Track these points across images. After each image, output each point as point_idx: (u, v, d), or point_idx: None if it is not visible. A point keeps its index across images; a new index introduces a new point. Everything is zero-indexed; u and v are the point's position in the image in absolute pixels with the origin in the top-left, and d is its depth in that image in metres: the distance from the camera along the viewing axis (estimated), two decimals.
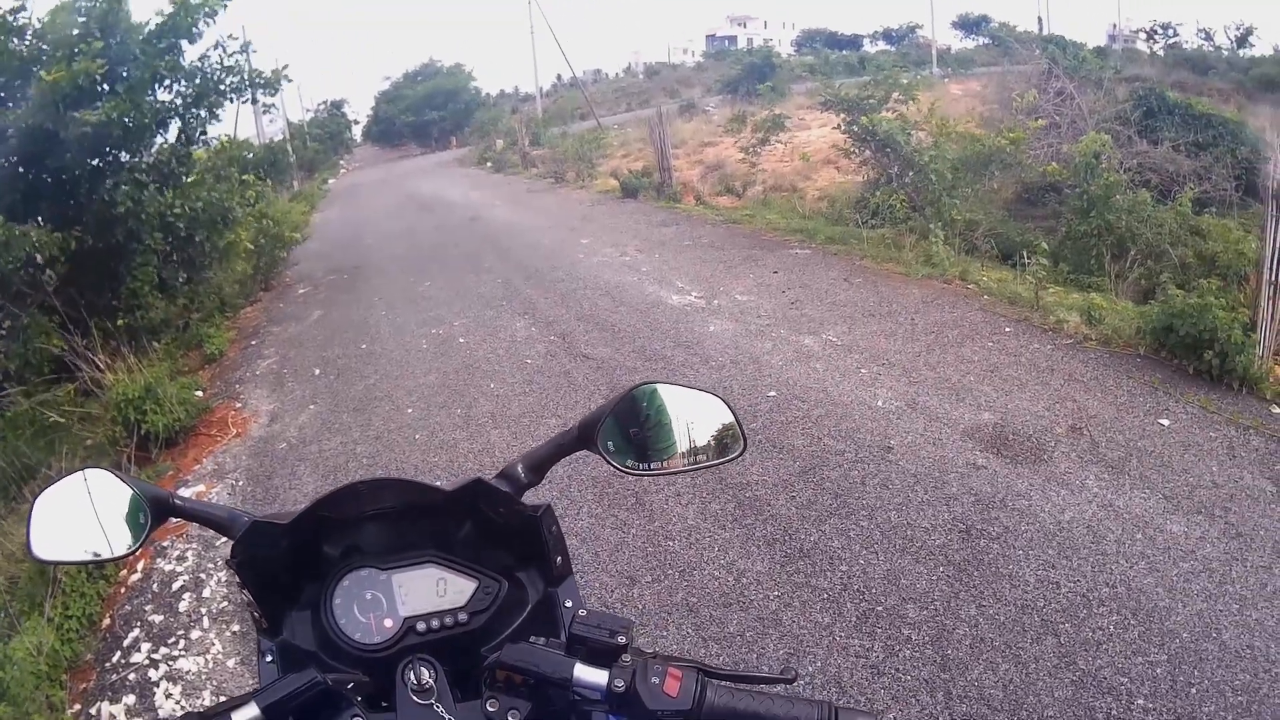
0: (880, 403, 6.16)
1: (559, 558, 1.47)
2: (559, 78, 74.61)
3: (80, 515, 1.44)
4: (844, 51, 65.17)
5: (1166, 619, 3.81)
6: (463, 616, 1.39)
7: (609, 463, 1.42)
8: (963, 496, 4.88)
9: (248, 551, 1.41)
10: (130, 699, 4.40)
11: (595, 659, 1.19)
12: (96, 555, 1.45)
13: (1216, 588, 4.02)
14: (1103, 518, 4.58)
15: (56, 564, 1.87)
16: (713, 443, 1.46)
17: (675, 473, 1.47)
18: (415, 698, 1.25)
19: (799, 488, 5.16)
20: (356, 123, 62.28)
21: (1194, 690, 3.44)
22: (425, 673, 1.26)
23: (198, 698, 4.33)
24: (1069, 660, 3.59)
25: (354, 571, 1.42)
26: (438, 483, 1.45)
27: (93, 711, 4.36)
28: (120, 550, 1.45)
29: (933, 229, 10.03)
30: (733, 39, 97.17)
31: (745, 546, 4.67)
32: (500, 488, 1.44)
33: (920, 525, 4.65)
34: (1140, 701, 3.39)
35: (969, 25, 62.01)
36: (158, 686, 4.45)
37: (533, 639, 1.26)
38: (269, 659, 1.41)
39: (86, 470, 1.49)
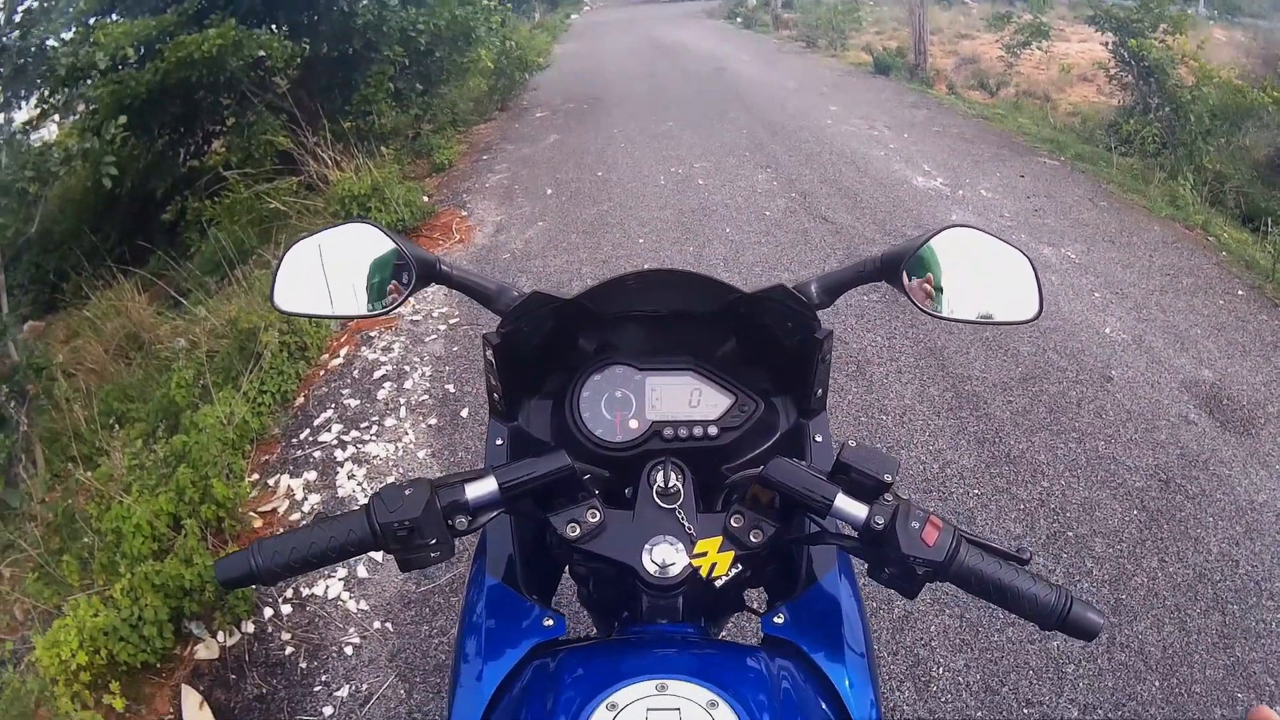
0: (1108, 330, 5.77)
1: (820, 390, 1.40)
2: None
3: (335, 269, 1.36)
4: None
5: None
6: (713, 430, 1.34)
7: (909, 298, 1.33)
8: (1169, 446, 4.55)
9: (515, 325, 1.36)
10: (311, 475, 4.48)
11: (856, 492, 1.11)
12: (345, 310, 1.38)
13: None
14: None
15: (298, 315, 1.88)
16: (1009, 301, 1.37)
17: (968, 321, 1.39)
18: (658, 500, 1.20)
19: (1017, 393, 4.92)
20: None
21: None
22: (674, 476, 1.22)
23: (382, 482, 4.32)
24: (1228, 643, 3.35)
25: (609, 367, 1.39)
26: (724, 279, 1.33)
27: (270, 483, 4.45)
28: (371, 309, 1.37)
29: (1183, 170, 9.32)
30: None
31: (955, 439, 4.49)
32: (800, 298, 1.34)
33: (1124, 463, 4.38)
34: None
35: None
36: (341, 467, 4.51)
37: (793, 460, 1.15)
38: (499, 442, 1.40)
39: (351, 223, 1.39)
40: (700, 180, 9.00)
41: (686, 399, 1.36)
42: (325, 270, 1.36)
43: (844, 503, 1.10)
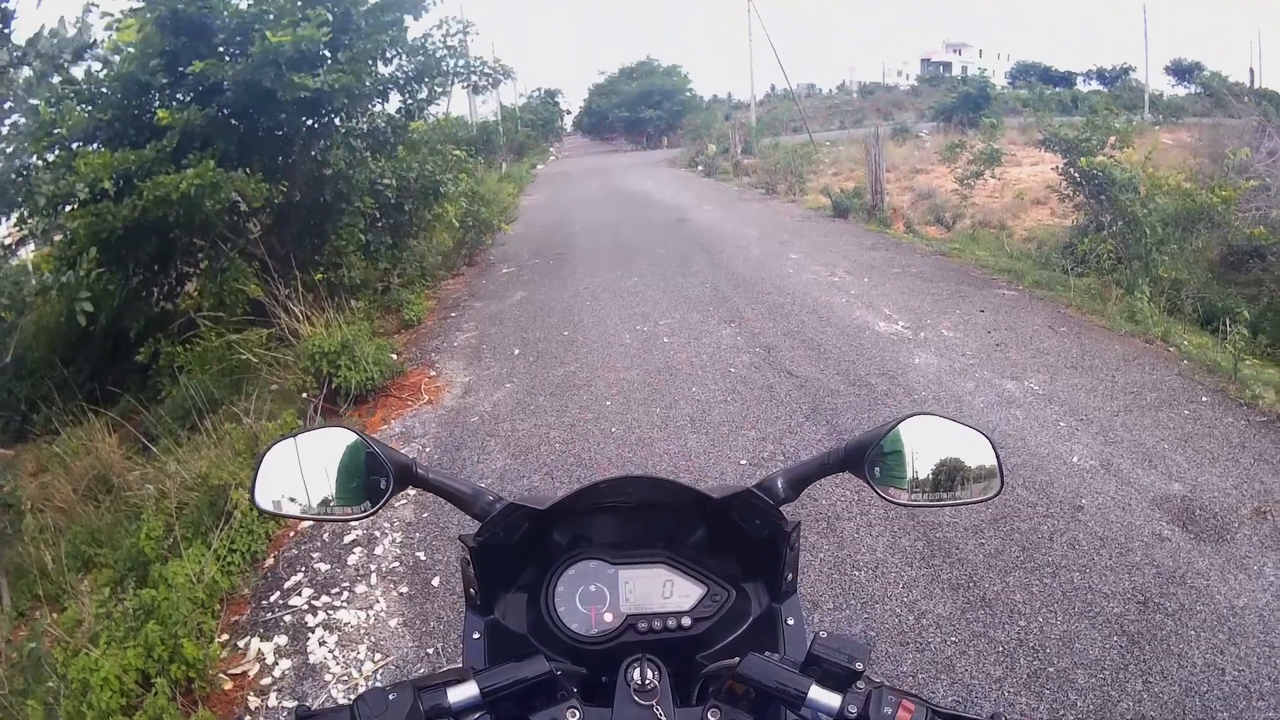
0: (1075, 459, 6.00)
1: (790, 575, 1.45)
2: (773, 88, 74.50)
3: (313, 470, 1.42)
4: (1057, 88, 62.95)
5: None
6: (686, 621, 1.37)
7: (873, 489, 1.42)
8: (1145, 567, 4.73)
9: (492, 530, 1.42)
10: (282, 639, 4.57)
11: (828, 681, 1.16)
12: (325, 512, 1.44)
13: None
14: (1276, 607, 4.37)
15: (279, 516, 1.93)
16: (971, 480, 1.44)
17: (931, 505, 1.45)
18: (636, 697, 1.22)
19: (989, 535, 5.10)
20: (569, 112, 63.34)
21: None
22: (650, 673, 1.24)
23: (353, 650, 4.45)
24: None
25: (582, 561, 1.42)
26: (689, 483, 1.45)
27: (240, 644, 4.55)
28: (350, 513, 1.44)
29: (1139, 284, 9.68)
30: (947, 65, 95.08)
31: (929, 587, 4.65)
32: (767, 500, 1.42)
33: (1101, 590, 4.54)
34: None
35: (1181, 72, 59.23)
36: (312, 633, 4.61)
37: (766, 654, 1.23)
38: (476, 636, 1.43)
39: (329, 427, 1.46)
40: (665, 338, 9.31)
41: (659, 590, 1.40)
42: (304, 471, 1.41)
43: (817, 694, 1.15)
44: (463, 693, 1.18)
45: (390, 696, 1.12)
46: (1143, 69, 61.72)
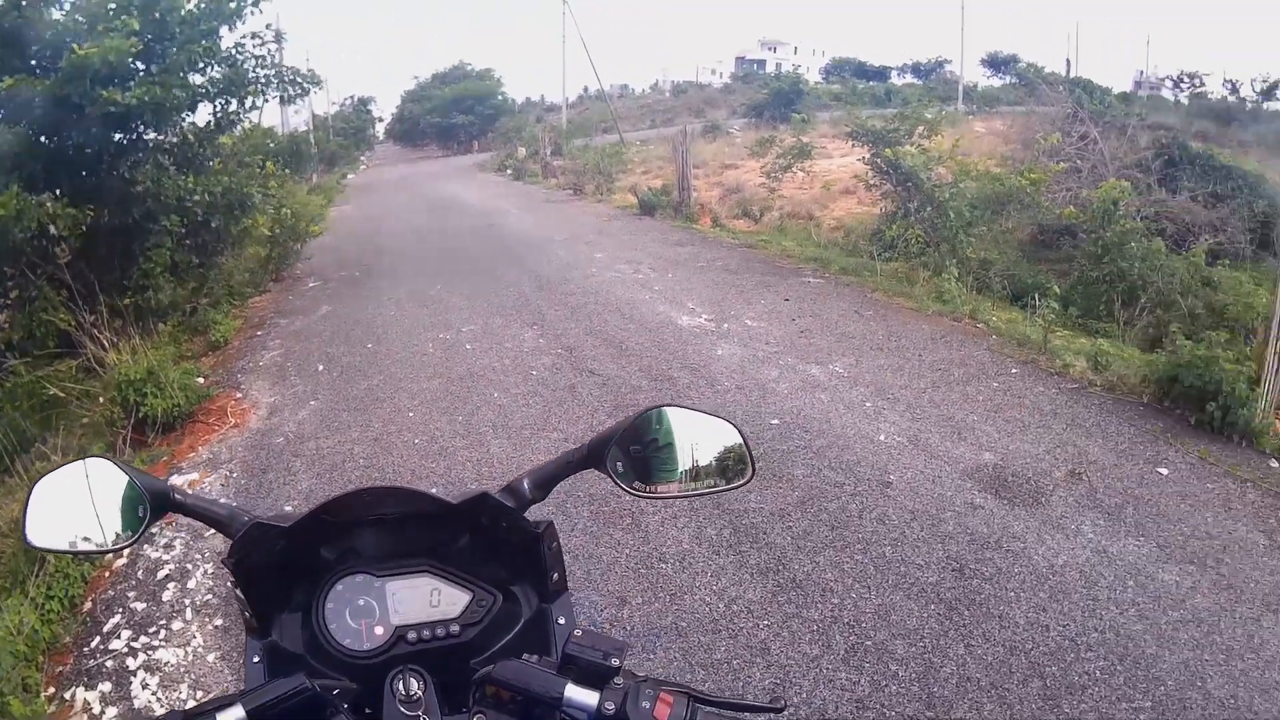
0: (882, 437, 6.17)
1: (555, 575, 1.47)
2: (586, 89, 74.63)
3: (78, 504, 1.43)
4: (871, 82, 64.95)
5: (1153, 666, 3.83)
6: (455, 628, 1.40)
7: (616, 484, 1.42)
8: (958, 535, 4.89)
9: (245, 551, 1.41)
10: (106, 686, 4.37)
11: (587, 679, 1.19)
12: (91, 546, 1.44)
13: (1205, 638, 4.03)
14: (1096, 563, 4.59)
15: (50, 552, 1.88)
16: (721, 468, 1.46)
17: (681, 496, 1.49)
18: (402, 708, 1.25)
19: (796, 518, 5.17)
20: (381, 120, 62.66)
21: None
22: (414, 683, 1.27)
23: (175, 690, 4.31)
24: (1054, 703, 3.60)
25: (348, 576, 1.42)
26: (434, 490, 1.46)
27: (67, 696, 4.33)
28: (115, 543, 1.44)
29: (947, 265, 10.05)
30: (762, 63, 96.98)
31: (738, 574, 4.68)
32: (505, 503, 1.44)
33: (914, 561, 4.66)
34: None
35: (997, 64, 61.74)
36: (135, 676, 4.42)
37: (525, 656, 1.26)
38: (256, 660, 1.42)
39: (87, 460, 1.47)
40: (468, 345, 9.27)
41: (427, 599, 1.42)
42: (71, 506, 1.42)
43: (574, 693, 1.18)
44: (230, 716, 1.17)
45: None
46: (959, 62, 64.09)
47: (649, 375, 7.75)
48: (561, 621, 1.47)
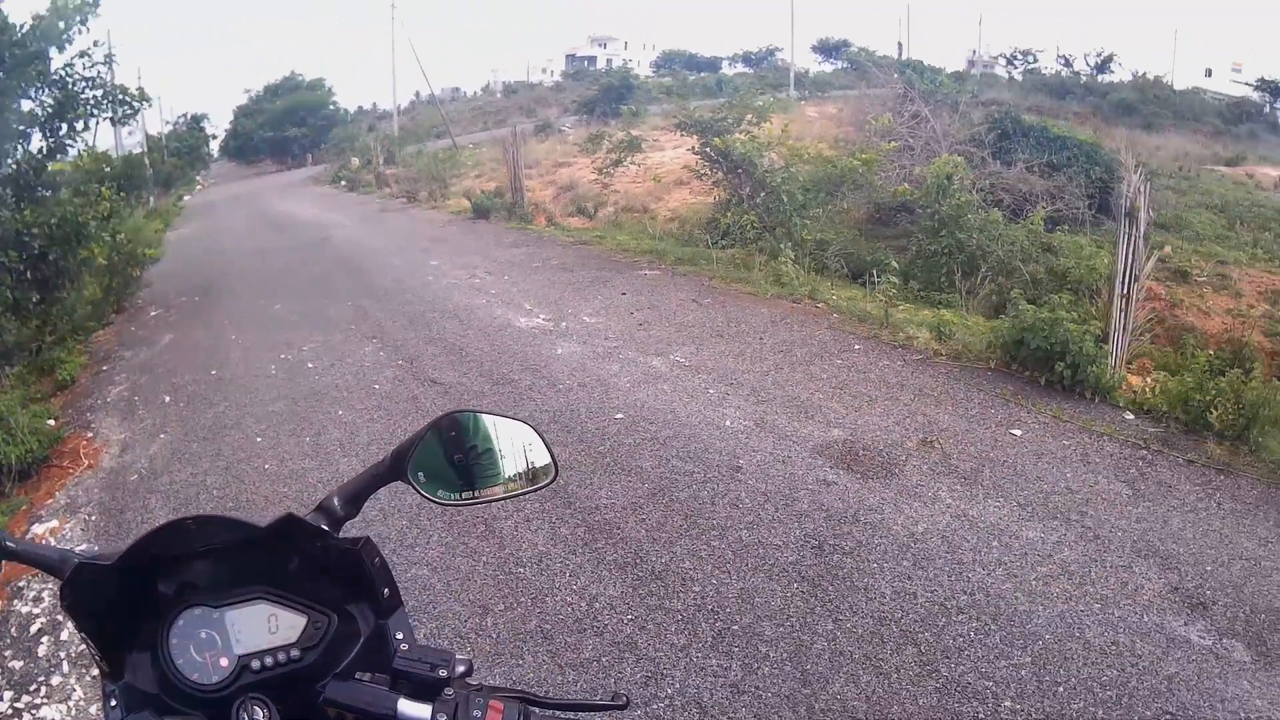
0: (729, 423, 6.20)
1: (386, 589, 1.45)
2: (418, 95, 74.18)
3: None
4: (703, 74, 65.95)
5: (1028, 622, 3.90)
6: (295, 653, 1.38)
7: (420, 493, 1.44)
8: (814, 513, 4.92)
9: (78, 594, 1.37)
10: None
11: (419, 693, 1.20)
12: None
13: (1077, 589, 4.14)
14: (957, 527, 4.67)
15: None
16: (525, 470, 1.49)
17: (486, 502, 1.50)
18: None
19: (649, 510, 5.15)
20: (215, 137, 61.28)
21: (1061, 689, 3.54)
22: (260, 712, 1.27)
23: None
24: (931, 668, 3.64)
25: (188, 610, 1.40)
26: (243, 516, 1.41)
27: None
28: None
29: (783, 249, 10.18)
30: (592, 59, 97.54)
31: (597, 571, 4.64)
32: (313, 523, 1.42)
33: (772, 543, 4.67)
34: (1007, 704, 3.47)
35: (829, 49, 63.26)
36: None
37: (359, 675, 1.26)
38: (113, 704, 1.38)
39: None
40: (310, 363, 9.14)
41: (265, 626, 1.40)
42: None
43: (407, 707, 1.19)
44: None
45: None
46: (789, 49, 65.23)
47: (490, 379, 7.69)
48: (400, 636, 1.44)
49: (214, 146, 61.25)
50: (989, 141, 17.31)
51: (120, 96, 11.51)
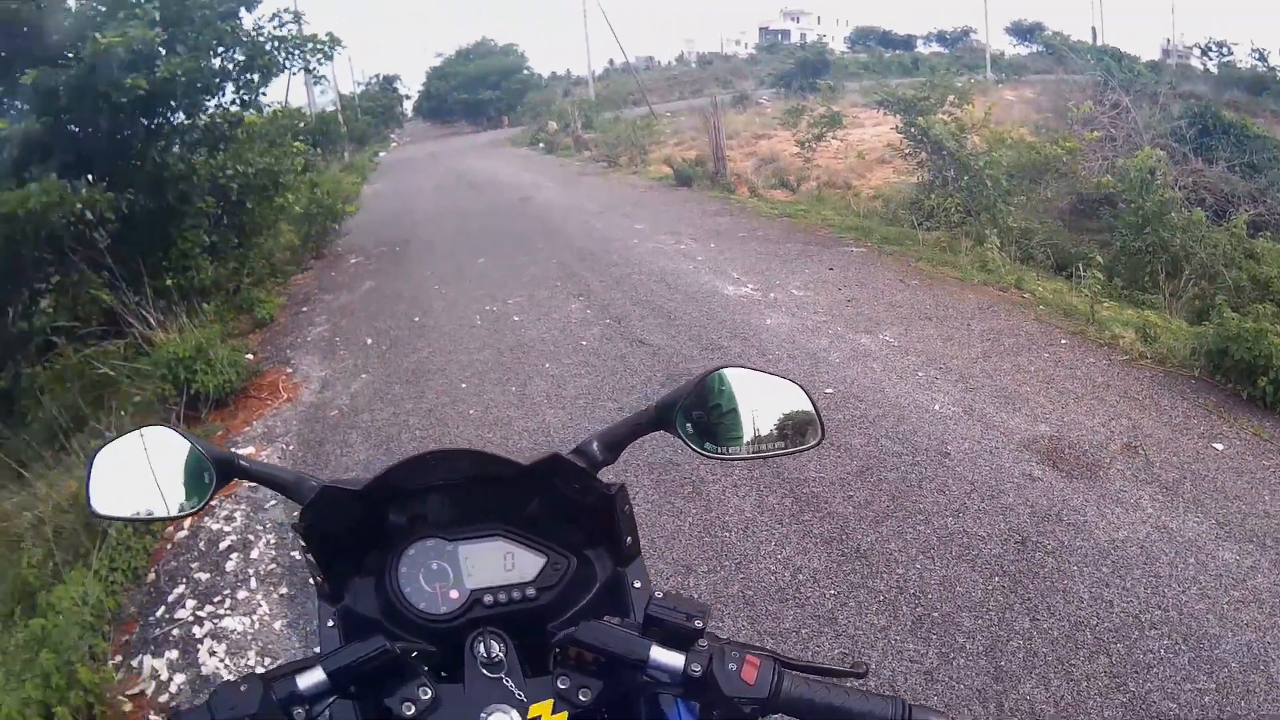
0: (937, 407, 6.09)
1: (629, 538, 1.46)
2: (611, 62, 74.35)
3: (140, 472, 1.44)
4: (897, 51, 64.39)
5: (1216, 647, 3.73)
6: (530, 591, 1.40)
7: (686, 444, 1.42)
8: (1019, 507, 4.81)
9: (316, 516, 1.41)
10: (173, 654, 4.44)
11: (671, 641, 1.17)
12: (154, 513, 1.47)
13: (1267, 619, 3.92)
14: (1156, 539, 4.49)
15: (114, 520, 1.89)
16: (790, 430, 1.45)
17: (750, 458, 1.46)
18: (484, 670, 1.24)
19: (856, 487, 5.11)
20: (408, 98, 62.61)
21: None
22: (496, 646, 1.26)
23: (242, 657, 4.36)
24: (1120, 681, 3.53)
25: (420, 541, 1.42)
26: (500, 452, 1.44)
27: (134, 664, 4.40)
28: (180, 510, 1.47)
29: (988, 235, 9.91)
30: (786, 33, 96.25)
31: (802, 543, 4.64)
32: (577, 464, 1.43)
33: (976, 533, 4.59)
34: None
35: (1022, 32, 60.79)
36: (201, 644, 4.48)
37: (606, 618, 1.23)
38: (330, 624, 1.42)
39: (148, 428, 1.48)
40: (515, 316, 9.25)
41: (500, 564, 1.41)
42: (133, 474, 1.43)
43: (659, 654, 1.16)
44: (311, 678, 1.17)
45: (242, 689, 1.13)
46: (983, 30, 63.30)
47: (699, 344, 7.68)
48: (638, 585, 1.45)
49: (407, 107, 62.63)
50: (1190, 137, 16.56)
51: (311, 45, 11.77)
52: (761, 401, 1.43)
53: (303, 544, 1.41)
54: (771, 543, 4.67)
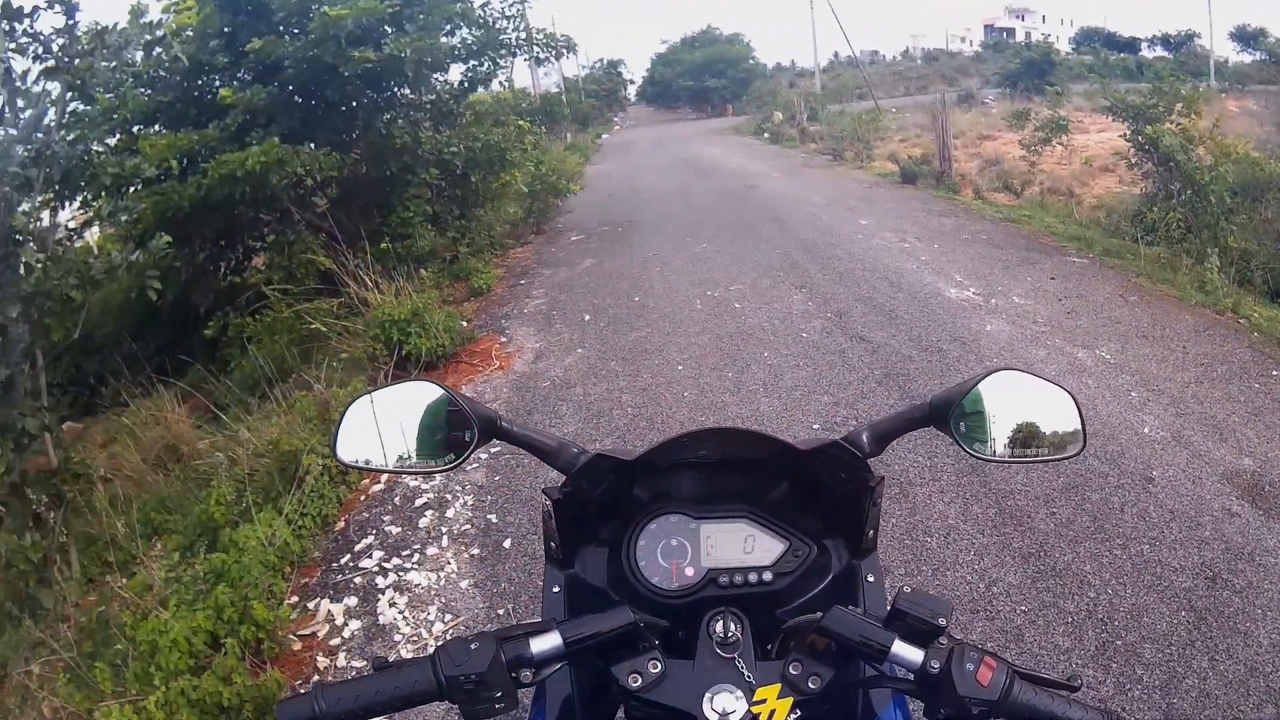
0: (1146, 430, 5.83)
1: (871, 531, 1.43)
2: (836, 55, 73.26)
3: (395, 424, 1.42)
4: (1122, 54, 60.81)
5: None
6: (767, 576, 1.37)
7: (958, 444, 1.41)
8: (1214, 541, 4.57)
9: (578, 483, 1.40)
10: (352, 600, 4.57)
11: (912, 636, 1.15)
12: (407, 465, 1.45)
13: None
14: None
15: (359, 468, 1.98)
16: (1054, 437, 1.42)
17: (1015, 461, 1.44)
18: (718, 649, 1.23)
19: (1059, 504, 4.97)
20: (632, 82, 62.85)
21: None
22: (732, 625, 1.25)
23: (423, 611, 4.44)
24: None
25: (664, 516, 1.41)
26: (777, 435, 1.43)
27: (310, 606, 4.55)
28: (435, 464, 1.45)
29: (1209, 254, 9.39)
30: (1010, 31, 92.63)
31: (1000, 555, 4.56)
32: (855, 452, 1.40)
33: (1170, 564, 4.40)
34: None
35: (1246, 38, 56.47)
36: (383, 594, 4.60)
37: (850, 608, 1.20)
38: (556, 589, 1.42)
39: (414, 381, 1.45)
40: (736, 303, 9.22)
41: (741, 545, 1.38)
42: (386, 426, 1.42)
43: (900, 648, 1.14)
44: (546, 643, 1.17)
45: (472, 646, 1.13)
46: (1207, 35, 59.42)
47: (919, 345, 7.54)
48: (871, 579, 1.43)
49: (630, 91, 62.72)
50: None
51: (543, 39, 11.79)
52: (1031, 407, 1.42)
53: (548, 508, 1.39)
54: (971, 552, 4.61)
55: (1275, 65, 33.62)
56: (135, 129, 9.18)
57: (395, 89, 10.19)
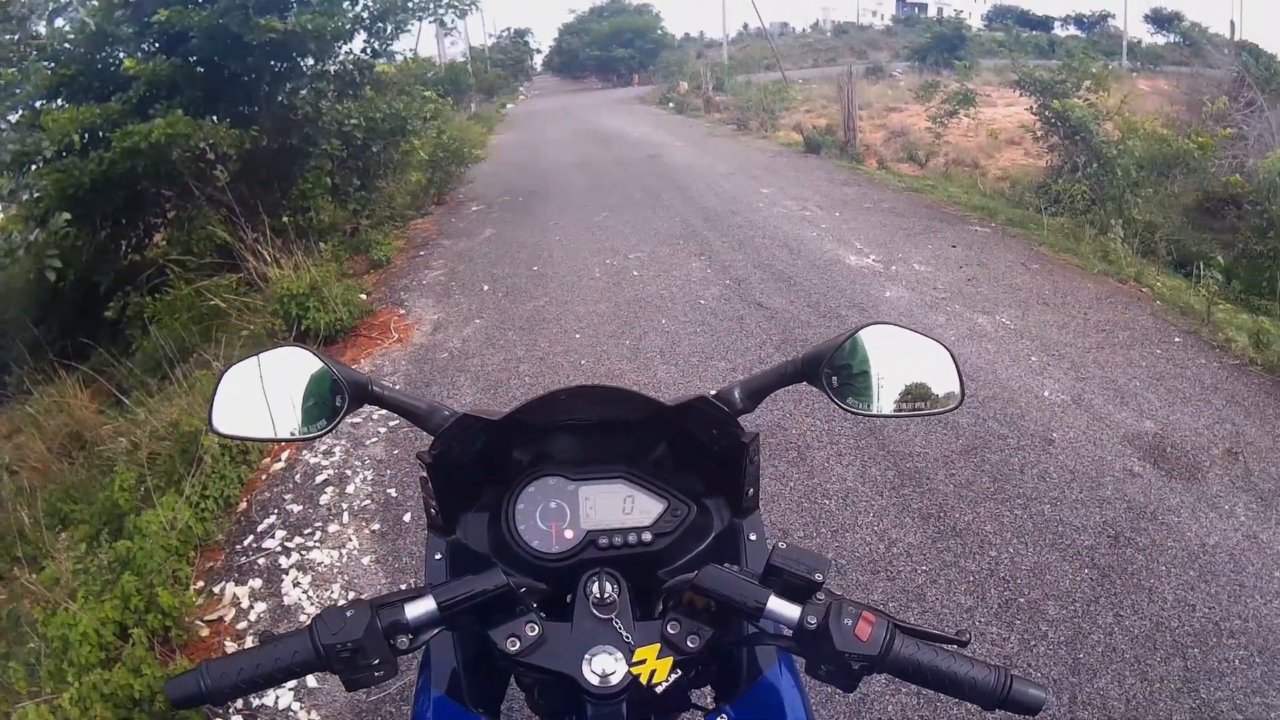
0: (1046, 393, 5.96)
1: (751, 489, 1.45)
2: (745, 26, 73.92)
3: (269, 392, 1.43)
4: (1034, 32, 62.38)
5: None
6: (646, 536, 1.38)
7: (830, 398, 1.41)
8: (1116, 501, 4.69)
9: (446, 445, 1.41)
10: (256, 583, 4.51)
11: (788, 593, 1.16)
12: (279, 434, 1.45)
13: None
14: (1246, 548, 4.33)
15: (237, 439, 1.92)
16: (932, 391, 1.44)
17: (891, 416, 1.45)
18: (595, 611, 1.25)
19: (959, 466, 5.05)
20: (539, 52, 62.95)
21: None
22: (610, 586, 1.26)
23: (327, 590, 4.41)
24: (1192, 686, 3.44)
25: (542, 479, 1.42)
26: (644, 393, 1.43)
27: (216, 590, 4.48)
28: (309, 431, 1.44)
29: (1113, 225, 9.62)
30: (923, 6, 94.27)
31: (900, 517, 4.60)
32: (721, 408, 1.41)
33: (1072, 523, 4.50)
34: None
35: (1161, 20, 58.25)
36: (286, 574, 4.55)
37: (726, 565, 1.21)
38: (438, 556, 1.42)
39: (281, 348, 1.47)
40: (635, 271, 9.24)
41: (620, 507, 1.41)
42: (260, 395, 1.43)
43: (776, 605, 1.15)
44: (420, 608, 1.18)
45: (348, 614, 1.14)
46: (1121, 16, 61.14)
47: (817, 311, 7.60)
48: (753, 538, 1.44)
49: (537, 61, 62.80)
50: None
51: (448, 2, 11.72)
52: (906, 360, 1.43)
53: (424, 473, 1.40)
54: (870, 514, 4.64)
55: (1188, 47, 34.70)
56: (38, 103, 8.85)
57: (299, 60, 9.97)
